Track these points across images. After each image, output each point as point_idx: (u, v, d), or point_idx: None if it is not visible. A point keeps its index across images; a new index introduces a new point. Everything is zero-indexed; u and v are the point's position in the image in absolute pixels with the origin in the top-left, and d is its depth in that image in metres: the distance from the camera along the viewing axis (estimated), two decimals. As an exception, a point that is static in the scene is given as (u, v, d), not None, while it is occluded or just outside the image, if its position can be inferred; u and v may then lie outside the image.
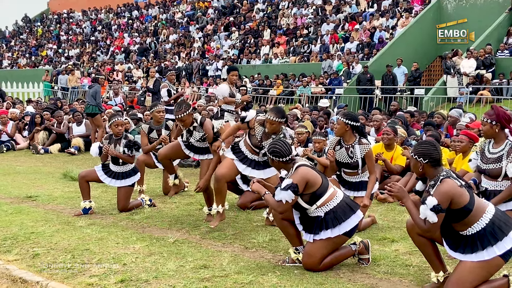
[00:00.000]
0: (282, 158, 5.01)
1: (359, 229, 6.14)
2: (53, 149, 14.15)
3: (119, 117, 7.54)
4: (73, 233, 6.26)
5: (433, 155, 4.31)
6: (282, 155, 5.00)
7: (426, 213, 4.14)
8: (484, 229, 4.18)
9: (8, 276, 5.01)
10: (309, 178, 4.82)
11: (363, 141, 6.13)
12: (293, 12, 27.94)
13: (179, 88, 20.96)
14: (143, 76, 27.45)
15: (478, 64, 17.98)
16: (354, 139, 6.15)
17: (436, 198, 4.12)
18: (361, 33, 23.48)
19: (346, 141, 6.18)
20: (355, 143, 6.13)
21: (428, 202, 4.12)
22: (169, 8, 35.92)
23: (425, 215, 4.15)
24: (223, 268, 4.95)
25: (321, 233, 4.89)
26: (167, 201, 8.15)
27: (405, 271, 4.87)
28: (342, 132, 6.17)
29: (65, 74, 27.07)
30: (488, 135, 5.49)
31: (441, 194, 4.14)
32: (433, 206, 4.09)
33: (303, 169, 4.88)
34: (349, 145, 6.15)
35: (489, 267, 4.15)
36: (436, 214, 4.11)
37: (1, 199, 8.23)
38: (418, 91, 17.83)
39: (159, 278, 4.74)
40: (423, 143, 4.45)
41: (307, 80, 20.88)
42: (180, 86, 23.23)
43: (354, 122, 6.09)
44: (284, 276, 4.75)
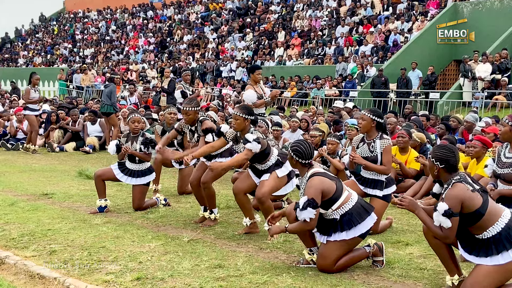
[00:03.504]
0: (302, 159, 5.07)
1: (377, 232, 6.18)
2: (68, 147, 14.24)
3: (136, 114, 7.61)
4: (89, 230, 6.31)
5: (451, 161, 4.33)
6: (303, 156, 5.05)
7: (439, 220, 4.16)
8: (500, 233, 4.18)
9: (26, 272, 5.07)
10: (323, 188, 4.87)
11: (384, 136, 6.20)
12: (308, 14, 27.93)
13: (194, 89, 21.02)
14: (157, 76, 27.56)
15: (493, 69, 17.89)
16: (376, 135, 6.21)
17: (447, 203, 4.14)
18: (376, 36, 23.44)
19: (369, 137, 6.24)
20: (376, 138, 6.19)
21: (439, 208, 4.14)
22: (184, 9, 36.03)
23: (438, 221, 4.17)
24: (238, 268, 4.98)
25: (335, 234, 4.92)
26: (181, 200, 8.20)
27: (420, 275, 4.88)
28: (368, 128, 6.20)
29: (79, 73, 27.23)
30: (505, 138, 5.49)
31: (451, 199, 4.16)
32: (444, 211, 4.12)
33: (316, 179, 4.92)
34: (371, 140, 6.21)
35: (505, 271, 4.15)
36: (449, 218, 4.12)
37: (17, 196, 8.30)
38: (433, 95, 17.77)
39: (175, 277, 4.77)
40: (442, 148, 4.44)
41: (321, 82, 20.89)
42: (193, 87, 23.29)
43: (380, 119, 6.18)
44: (299, 277, 4.77)
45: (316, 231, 5.04)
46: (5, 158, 12.90)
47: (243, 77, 24.65)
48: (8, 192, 8.64)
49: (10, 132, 15.09)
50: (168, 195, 8.45)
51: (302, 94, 21.26)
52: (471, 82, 18.06)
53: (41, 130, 15.42)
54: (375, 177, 6.21)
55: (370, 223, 5.03)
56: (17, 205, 7.60)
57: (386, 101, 18.10)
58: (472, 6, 22.10)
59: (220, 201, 7.94)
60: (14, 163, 12.04)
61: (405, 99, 17.70)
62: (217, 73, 26.43)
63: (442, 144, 4.61)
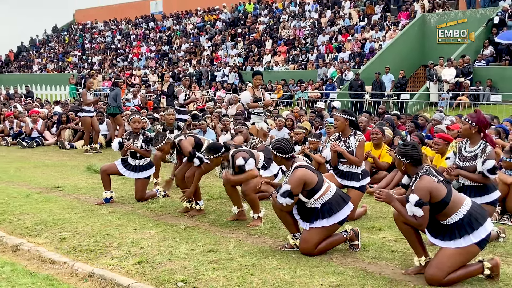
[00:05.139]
0: (284, 155, 5.06)
1: (354, 218, 6.18)
2: (78, 145, 14.14)
3: (136, 115, 7.57)
4: (96, 219, 6.28)
5: (414, 156, 4.35)
6: (284, 151, 5.05)
7: (412, 210, 4.17)
8: (462, 220, 4.20)
9: (39, 257, 5.04)
10: (306, 179, 4.87)
11: (358, 133, 6.21)
12: (293, 24, 27.90)
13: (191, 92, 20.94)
14: (158, 81, 27.45)
15: (457, 73, 17.97)
16: (350, 132, 6.21)
17: (417, 194, 4.15)
18: (353, 44, 23.45)
19: (344, 135, 6.23)
20: (351, 135, 6.19)
21: (411, 200, 4.15)
22: (182, 20, 35.88)
23: (412, 211, 4.18)
24: (229, 252, 4.97)
25: (317, 222, 4.93)
26: (179, 192, 8.14)
27: (391, 256, 4.89)
28: (343, 127, 6.19)
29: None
30: (465, 135, 5.52)
31: (420, 190, 4.17)
32: (416, 201, 4.13)
33: (300, 170, 4.92)
34: (346, 137, 6.20)
35: (466, 253, 4.17)
36: (420, 208, 4.13)
37: (32, 189, 8.25)
38: (403, 96, 17.82)
39: (173, 260, 4.76)
40: (406, 145, 4.46)
41: (304, 85, 20.87)
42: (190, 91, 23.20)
43: (352, 117, 6.18)
44: (283, 260, 4.77)
45: (300, 218, 5.05)
46: (21, 155, 12.83)
47: (235, 81, 24.61)
48: (23, 186, 8.59)
49: (26, 132, 14.99)
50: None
51: (288, 96, 21.25)
52: (437, 84, 18.13)
53: (54, 129, 15.36)
54: (352, 170, 6.20)
55: (347, 211, 5.04)
56: (31, 197, 7.56)
57: (362, 102, 18.12)
58: (438, 16, 22.14)
59: (213, 192, 7.93)
60: (29, 159, 11.97)
61: (379, 100, 17.73)
62: (211, 77, 26.37)
63: (406, 141, 4.62)
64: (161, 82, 25.69)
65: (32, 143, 14.46)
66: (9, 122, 15.54)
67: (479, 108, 8.22)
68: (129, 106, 18.00)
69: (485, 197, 5.37)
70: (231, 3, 33.53)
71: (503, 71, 18.09)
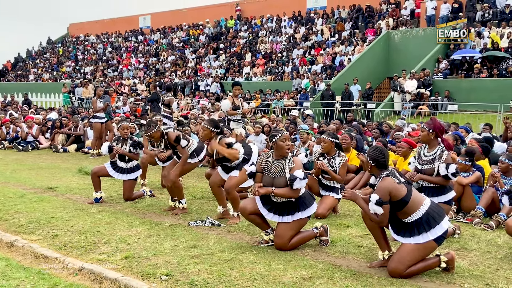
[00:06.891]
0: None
1: (325, 217, 6.23)
2: (71, 148, 14.00)
3: (125, 122, 7.51)
4: (86, 218, 6.21)
5: (380, 160, 4.40)
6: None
7: (372, 208, 4.20)
8: (421, 218, 4.24)
9: (32, 253, 4.95)
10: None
11: (341, 154, 6.42)
12: (270, 39, 27.98)
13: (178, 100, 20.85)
14: (146, 90, 27.27)
15: (418, 84, 18.19)
16: (335, 152, 6.40)
17: (377, 194, 4.18)
18: (325, 57, 23.58)
19: (329, 154, 6.41)
20: (335, 155, 6.38)
21: (372, 199, 4.19)
22: (168, 34, 35.72)
23: (373, 209, 4.21)
24: (210, 248, 4.95)
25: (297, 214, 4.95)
26: (164, 192, 8.09)
27: (358, 251, 4.92)
28: (329, 148, 6.37)
29: (81, 87, 26.79)
30: (424, 141, 5.58)
31: (380, 190, 4.21)
32: (376, 200, 4.16)
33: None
34: (331, 157, 6.39)
35: (424, 249, 4.21)
36: (380, 206, 4.16)
37: (26, 190, 8.13)
38: (370, 105, 17.96)
39: (157, 255, 4.72)
40: (375, 149, 4.49)
41: (280, 95, 20.91)
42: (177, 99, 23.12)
43: (336, 140, 6.40)
44: (259, 254, 4.77)
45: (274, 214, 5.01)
46: (17, 157, 12.63)
47: (217, 91, 24.55)
48: (18, 186, 8.45)
49: (21, 136, 14.77)
50: (153, 188, 8.35)
51: (265, 104, 21.27)
52: (401, 94, 18.32)
53: (48, 134, 15.15)
54: (333, 184, 6.44)
55: (314, 208, 5.07)
56: (26, 197, 7.45)
57: (333, 110, 18.22)
58: (401, 33, 22.42)
59: (196, 192, 7.90)
60: (24, 162, 11.79)
61: (348, 109, 17.83)
62: (195, 87, 26.29)
63: (376, 146, 4.65)
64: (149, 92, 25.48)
65: (28, 147, 14.26)
66: (5, 127, 15.30)
67: (434, 116, 8.31)
68: (119, 113, 17.83)
69: (442, 197, 5.44)
70: (214, 19, 33.49)
71: (459, 83, 18.37)
